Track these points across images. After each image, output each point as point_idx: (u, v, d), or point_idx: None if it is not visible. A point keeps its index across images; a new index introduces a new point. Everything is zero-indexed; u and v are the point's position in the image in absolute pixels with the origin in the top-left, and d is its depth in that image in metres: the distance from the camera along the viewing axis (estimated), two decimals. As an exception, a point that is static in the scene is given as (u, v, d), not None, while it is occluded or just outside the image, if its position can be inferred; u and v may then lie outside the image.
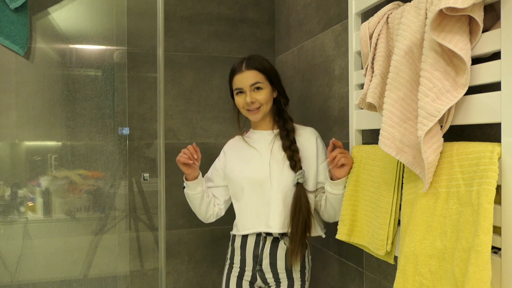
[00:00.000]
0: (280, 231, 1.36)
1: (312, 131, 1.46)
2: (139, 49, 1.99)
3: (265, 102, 1.40)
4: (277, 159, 1.39)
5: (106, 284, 1.86)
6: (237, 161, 1.46)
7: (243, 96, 1.41)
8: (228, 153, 1.51)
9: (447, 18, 0.81)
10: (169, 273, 2.06)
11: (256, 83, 1.38)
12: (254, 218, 1.40)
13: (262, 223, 1.38)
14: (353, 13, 1.27)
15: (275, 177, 1.37)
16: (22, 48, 1.69)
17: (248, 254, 1.41)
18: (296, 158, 1.37)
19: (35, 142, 1.78)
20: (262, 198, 1.38)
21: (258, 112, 1.41)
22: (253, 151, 1.45)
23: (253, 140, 1.48)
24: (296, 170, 1.36)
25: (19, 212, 1.77)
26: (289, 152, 1.38)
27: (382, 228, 1.06)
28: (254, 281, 1.43)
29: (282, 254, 1.38)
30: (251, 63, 1.40)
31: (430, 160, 0.84)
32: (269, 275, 1.40)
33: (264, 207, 1.38)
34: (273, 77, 1.43)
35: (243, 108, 1.42)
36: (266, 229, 1.37)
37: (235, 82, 1.42)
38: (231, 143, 1.55)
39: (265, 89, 1.40)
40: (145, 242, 2.00)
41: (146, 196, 1.97)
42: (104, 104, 1.82)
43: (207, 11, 2.12)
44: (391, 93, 0.92)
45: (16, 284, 1.73)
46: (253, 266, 1.41)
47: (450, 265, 0.81)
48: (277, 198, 1.36)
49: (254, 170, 1.41)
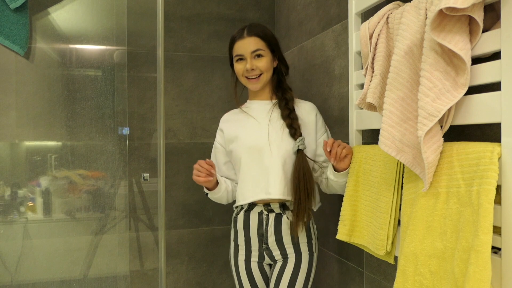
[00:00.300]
0: (280, 197, 1.34)
1: (312, 105, 1.45)
2: (139, 49, 1.99)
3: (266, 70, 1.39)
4: (276, 126, 1.38)
5: (106, 284, 1.86)
6: (234, 131, 1.44)
7: (243, 63, 1.39)
8: (224, 127, 1.49)
9: (447, 18, 0.81)
10: (169, 273, 2.06)
11: (257, 50, 1.37)
12: (253, 187, 1.37)
13: (261, 191, 1.35)
14: (353, 13, 1.27)
15: (274, 144, 1.36)
16: (22, 48, 1.69)
17: (253, 235, 1.40)
18: (295, 126, 1.36)
19: (35, 142, 1.78)
20: (261, 165, 1.36)
21: (258, 81, 1.39)
22: (250, 120, 1.43)
23: (250, 109, 1.46)
24: (296, 137, 1.35)
25: (19, 212, 1.77)
26: (288, 120, 1.37)
27: (382, 228, 1.06)
28: (262, 260, 1.42)
29: (286, 229, 1.37)
30: (253, 29, 1.39)
31: (430, 160, 0.84)
32: (276, 252, 1.39)
33: (263, 174, 1.36)
34: (274, 45, 1.42)
35: (243, 75, 1.40)
36: (266, 196, 1.35)
37: (235, 49, 1.40)
38: (226, 116, 1.52)
39: (266, 57, 1.39)
40: (145, 242, 2.00)
41: (146, 196, 1.97)
42: (104, 104, 1.82)
43: (207, 11, 2.12)
44: (391, 93, 0.92)
45: (16, 284, 1.73)
46: (259, 246, 1.40)
47: (450, 265, 0.81)
48: (277, 164, 1.34)
49: (252, 137, 1.39)
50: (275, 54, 1.43)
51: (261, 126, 1.40)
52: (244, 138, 1.41)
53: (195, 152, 2.10)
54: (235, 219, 1.46)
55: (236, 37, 1.41)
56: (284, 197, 1.34)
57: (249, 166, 1.38)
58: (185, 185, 2.08)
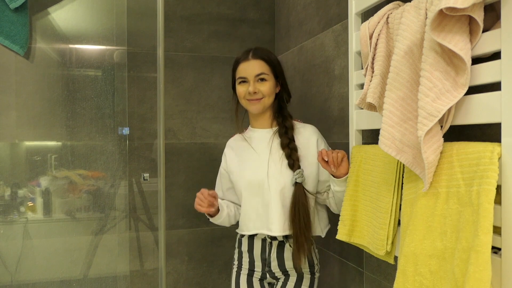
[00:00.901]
0: (281, 234, 1.34)
1: (313, 130, 1.43)
2: (139, 49, 1.99)
3: (268, 95, 1.37)
4: (276, 158, 1.37)
5: (106, 284, 1.86)
6: (236, 163, 1.44)
7: (246, 85, 1.37)
8: (228, 154, 1.49)
9: (447, 18, 0.81)
10: (169, 273, 2.06)
11: (261, 74, 1.36)
12: (255, 220, 1.38)
13: (263, 225, 1.36)
14: (353, 13, 1.26)
15: (273, 178, 1.35)
16: (22, 48, 1.69)
17: (257, 258, 1.42)
18: (294, 157, 1.34)
19: (35, 142, 1.78)
20: (261, 199, 1.37)
21: (259, 103, 1.37)
22: (251, 152, 1.43)
23: (252, 139, 1.45)
24: (295, 169, 1.33)
25: (19, 212, 1.77)
26: (287, 150, 1.36)
27: (382, 228, 1.06)
28: (264, 278, 1.43)
29: (289, 255, 1.38)
30: (258, 53, 1.38)
31: (430, 160, 0.84)
32: (278, 273, 1.41)
33: (263, 209, 1.36)
34: (278, 71, 1.40)
35: (244, 98, 1.38)
36: (268, 232, 1.35)
37: (239, 71, 1.39)
38: (231, 143, 1.52)
39: (269, 81, 1.37)
40: (145, 242, 2.00)
41: (146, 196, 1.97)
42: (104, 104, 1.82)
43: (207, 11, 2.12)
44: (391, 93, 0.92)
45: (16, 284, 1.73)
46: (262, 268, 1.42)
47: (450, 265, 0.81)
48: (275, 199, 1.34)
49: (251, 172, 1.39)
50: (279, 80, 1.41)
51: (261, 160, 1.39)
52: (244, 172, 1.40)
53: (195, 152, 2.10)
54: (240, 241, 1.47)
55: (240, 59, 1.39)
56: (285, 233, 1.35)
57: (250, 200, 1.39)
58: (185, 185, 2.08)
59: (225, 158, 1.50)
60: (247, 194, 1.39)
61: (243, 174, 1.40)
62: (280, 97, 1.44)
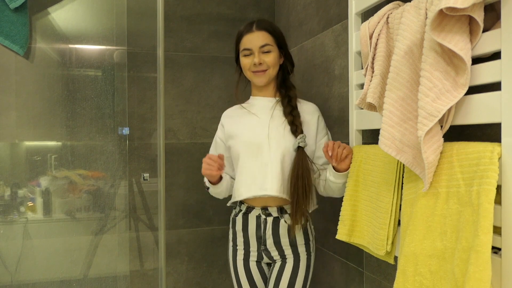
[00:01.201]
0: (275, 194, 1.31)
1: (314, 107, 1.44)
2: (139, 49, 1.99)
3: (273, 66, 1.38)
4: (278, 123, 1.38)
5: (106, 284, 1.86)
6: (235, 127, 1.43)
7: (250, 57, 1.38)
8: (226, 122, 1.48)
9: (447, 18, 0.81)
10: (169, 273, 2.06)
11: (266, 45, 1.36)
12: (249, 183, 1.35)
13: (257, 187, 1.33)
14: (353, 13, 1.26)
15: (274, 140, 1.35)
16: (22, 48, 1.69)
17: (251, 236, 1.41)
18: (297, 123, 1.35)
19: (35, 142, 1.78)
20: (259, 161, 1.35)
21: (264, 75, 1.38)
22: (251, 116, 1.42)
23: (252, 106, 1.45)
24: (297, 134, 1.33)
25: (19, 212, 1.77)
26: (290, 117, 1.36)
27: (382, 228, 1.06)
28: (260, 259, 1.43)
29: (284, 232, 1.38)
30: (262, 24, 1.38)
31: (430, 160, 0.84)
32: (274, 252, 1.41)
33: (260, 170, 1.34)
34: (282, 42, 1.41)
35: (249, 70, 1.39)
36: (261, 192, 1.32)
37: (243, 42, 1.38)
38: (229, 112, 1.51)
39: (273, 52, 1.38)
40: (145, 242, 2.00)
41: (146, 196, 1.97)
42: (104, 104, 1.82)
43: (207, 11, 2.12)
44: (391, 93, 0.92)
45: (16, 284, 1.73)
46: (258, 247, 1.41)
47: (450, 265, 0.81)
48: (275, 160, 1.33)
49: (251, 133, 1.38)
50: (282, 50, 1.42)
51: (262, 122, 1.39)
52: (243, 133, 1.40)
53: (195, 152, 2.10)
54: (234, 220, 1.46)
55: (244, 31, 1.39)
56: (279, 195, 1.32)
57: (247, 162, 1.37)
58: (185, 185, 2.08)
59: (222, 128, 1.49)
60: (245, 155, 1.37)
61: (243, 135, 1.39)
62: (284, 67, 1.44)
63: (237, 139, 1.40)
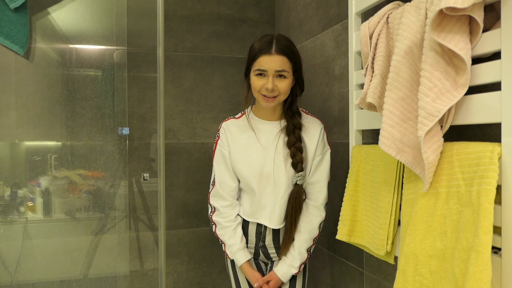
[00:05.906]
0: (278, 227, 1.40)
1: (318, 125, 1.42)
2: (139, 49, 1.99)
3: (284, 92, 1.33)
4: (281, 155, 1.38)
5: (106, 284, 1.86)
6: (241, 154, 1.41)
7: (264, 79, 1.31)
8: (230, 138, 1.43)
9: (447, 18, 0.81)
10: (169, 273, 2.06)
11: (283, 71, 1.30)
12: (254, 210, 1.41)
13: (261, 217, 1.40)
14: (353, 13, 1.26)
15: (277, 173, 1.37)
16: (22, 48, 1.69)
17: (251, 233, 1.43)
18: (298, 158, 1.35)
19: (35, 142, 1.78)
20: (263, 192, 1.39)
21: (274, 101, 1.34)
22: (257, 146, 1.40)
23: (259, 131, 1.42)
24: (297, 170, 1.35)
25: (19, 212, 1.77)
26: (293, 149, 1.36)
27: (382, 228, 1.06)
28: (257, 257, 1.46)
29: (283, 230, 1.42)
30: (282, 47, 1.30)
31: (430, 160, 0.84)
32: (271, 250, 1.43)
33: (264, 202, 1.39)
34: (298, 66, 1.36)
35: (259, 92, 1.33)
36: (265, 223, 1.39)
37: (259, 62, 1.30)
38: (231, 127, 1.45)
39: (288, 79, 1.32)
40: (145, 242, 2.00)
41: (146, 196, 1.97)
42: (104, 104, 1.82)
43: (207, 11, 2.12)
44: (391, 93, 0.92)
45: (16, 284, 1.73)
46: (256, 243, 1.43)
47: (450, 265, 0.81)
48: (277, 195, 1.37)
49: (257, 166, 1.39)
50: (295, 74, 1.37)
51: (267, 155, 1.38)
52: (250, 165, 1.39)
53: (195, 152, 2.10)
54: None
55: (261, 51, 1.30)
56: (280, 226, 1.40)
57: (252, 191, 1.40)
58: (185, 185, 2.08)
59: (225, 140, 1.43)
60: (249, 186, 1.40)
61: (249, 167, 1.39)
62: (294, 91, 1.40)
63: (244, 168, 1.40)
